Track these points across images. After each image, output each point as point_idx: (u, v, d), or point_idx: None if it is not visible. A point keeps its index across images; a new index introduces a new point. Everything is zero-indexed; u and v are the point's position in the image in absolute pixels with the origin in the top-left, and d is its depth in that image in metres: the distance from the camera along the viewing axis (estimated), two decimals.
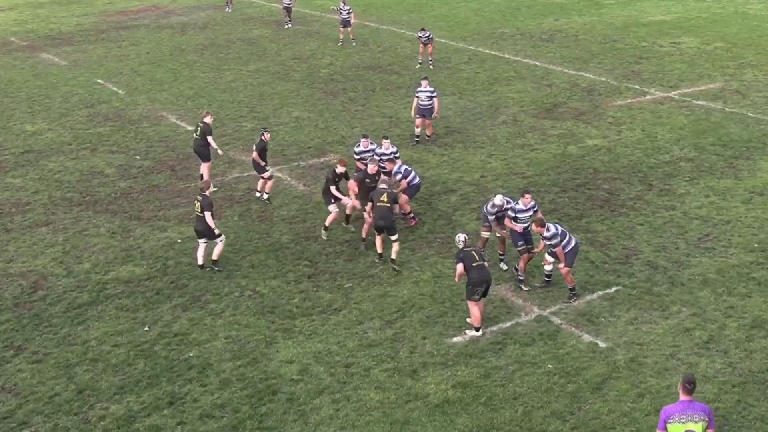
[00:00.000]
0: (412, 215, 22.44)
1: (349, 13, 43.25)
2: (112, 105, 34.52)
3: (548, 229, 18.24)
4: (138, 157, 28.33)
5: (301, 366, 16.60)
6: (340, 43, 43.46)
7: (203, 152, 25.12)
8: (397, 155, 23.46)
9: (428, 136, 28.65)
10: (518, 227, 19.33)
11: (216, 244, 20.37)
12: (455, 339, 17.34)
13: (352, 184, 22.02)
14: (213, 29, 49.57)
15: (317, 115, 32.20)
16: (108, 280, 20.13)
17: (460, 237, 17.66)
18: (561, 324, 17.76)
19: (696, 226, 22.08)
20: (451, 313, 18.24)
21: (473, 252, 17.42)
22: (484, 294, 17.43)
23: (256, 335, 17.68)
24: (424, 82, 28.00)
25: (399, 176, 22.40)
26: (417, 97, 28.06)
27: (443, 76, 37.16)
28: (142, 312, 18.71)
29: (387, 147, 23.55)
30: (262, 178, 24.28)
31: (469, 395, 15.57)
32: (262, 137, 24.20)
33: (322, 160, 27.47)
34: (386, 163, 22.72)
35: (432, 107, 28.08)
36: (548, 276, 19.10)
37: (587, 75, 36.70)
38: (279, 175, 26.31)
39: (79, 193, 25.51)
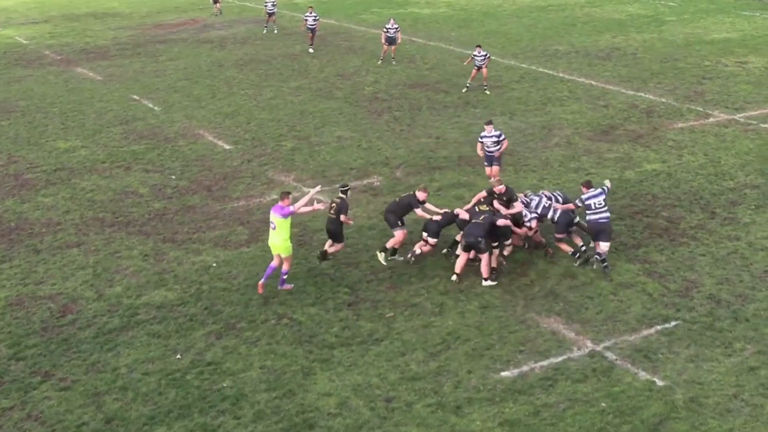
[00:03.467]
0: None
1: (396, 31, 43.14)
2: (148, 122, 34.90)
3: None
4: (173, 177, 28.59)
5: (340, 399, 16.57)
6: (380, 62, 43.52)
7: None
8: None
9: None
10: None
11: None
12: (503, 373, 17.22)
13: (481, 194, 22.39)
14: (253, 44, 50.03)
15: (360, 135, 32.31)
16: (139, 304, 20.28)
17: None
18: (616, 360, 17.57)
19: (762, 257, 21.78)
20: (499, 345, 18.13)
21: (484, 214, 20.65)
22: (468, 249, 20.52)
23: (293, 365, 17.68)
24: (488, 127, 26.08)
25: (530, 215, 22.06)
26: (481, 142, 26.30)
27: (494, 95, 37.14)
28: (174, 339, 18.81)
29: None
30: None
31: None
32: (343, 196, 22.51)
33: (365, 182, 27.53)
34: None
35: (501, 154, 26.56)
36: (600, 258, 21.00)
37: (646, 95, 36.48)
38: (319, 197, 26.39)
39: (112, 213, 25.78)
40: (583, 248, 21.70)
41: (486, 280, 20.65)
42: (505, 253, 21.71)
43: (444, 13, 59.42)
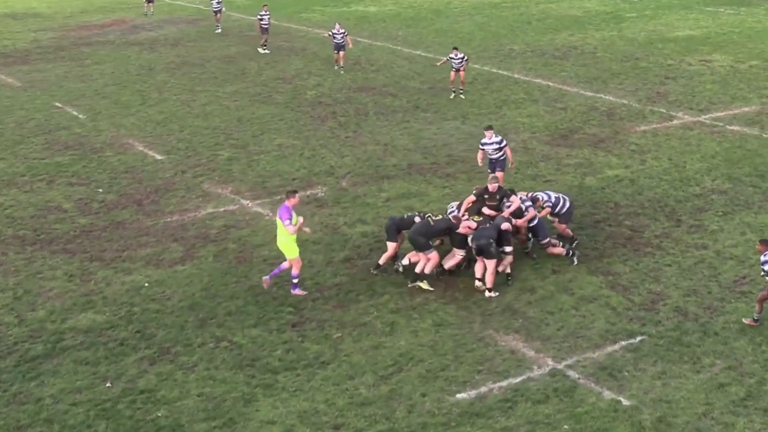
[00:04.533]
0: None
1: (344, 36, 42.76)
2: (72, 131, 34.59)
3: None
4: (100, 190, 28.35)
5: (284, 427, 16.49)
6: (336, 67, 43.08)
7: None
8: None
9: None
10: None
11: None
12: (459, 396, 17.26)
13: (470, 199, 22.65)
14: (185, 46, 49.83)
15: (303, 143, 32.28)
16: (65, 329, 20.04)
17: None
18: (578, 379, 17.69)
19: (731, 266, 22.07)
20: (455, 366, 18.17)
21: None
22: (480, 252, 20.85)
23: (233, 392, 17.58)
24: (488, 133, 26.30)
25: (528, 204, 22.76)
26: (482, 149, 26.54)
27: (445, 98, 37.32)
28: (103, 366, 18.60)
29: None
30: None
31: None
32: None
33: (308, 193, 27.50)
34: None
35: (504, 158, 26.48)
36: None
37: (607, 97, 36.89)
38: (259, 210, 26.33)
39: (33, 230, 25.48)
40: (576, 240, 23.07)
41: (489, 291, 20.85)
42: (505, 267, 21.56)
43: (391, 11, 59.68)
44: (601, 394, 17.15)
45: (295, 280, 21.12)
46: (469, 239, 21.42)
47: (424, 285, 21.31)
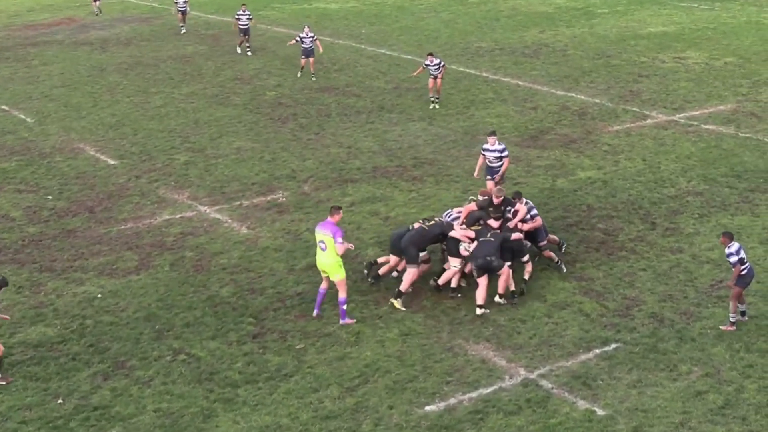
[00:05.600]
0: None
1: (313, 41, 40.73)
2: (19, 135, 34.36)
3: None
4: (50, 198, 28.19)
5: None
6: (299, 74, 41.25)
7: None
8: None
9: None
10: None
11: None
12: (428, 408, 17.29)
13: (469, 207, 22.15)
14: (138, 45, 49.62)
15: (263, 146, 32.26)
16: (14, 343, 19.90)
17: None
18: (552, 388, 17.78)
19: (707, 270, 22.27)
20: (423, 377, 18.20)
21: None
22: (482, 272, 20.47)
23: (192, 407, 17.53)
24: (491, 139, 25.76)
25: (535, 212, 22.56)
26: (483, 155, 26.02)
27: (410, 98, 37.40)
28: (54, 381, 18.50)
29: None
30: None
31: None
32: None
33: (269, 198, 27.48)
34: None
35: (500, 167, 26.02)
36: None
37: (578, 96, 37.11)
38: (218, 216, 26.28)
39: None
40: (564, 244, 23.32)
41: (500, 296, 20.77)
42: (526, 276, 21.51)
43: (353, 8, 59.73)
44: (575, 404, 17.25)
45: (344, 306, 20.24)
46: (468, 261, 21.11)
47: (398, 304, 20.93)
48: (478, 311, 20.38)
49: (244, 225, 25.78)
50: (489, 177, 25.88)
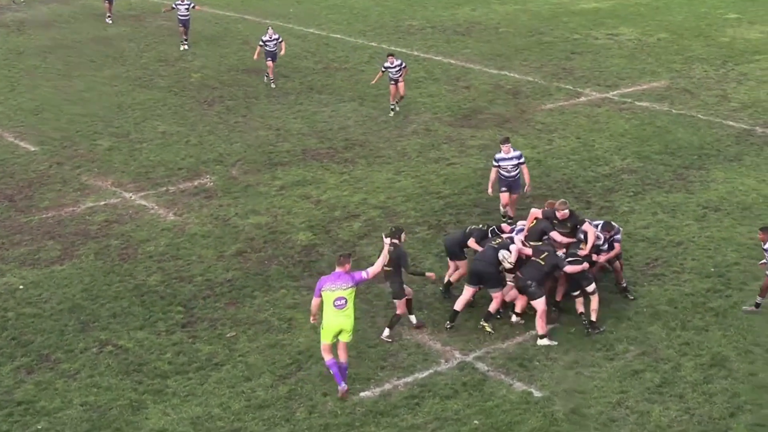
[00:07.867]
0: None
1: (277, 44, 37.32)
2: None
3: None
4: None
5: None
6: (266, 79, 37.44)
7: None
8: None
9: (511, 218, 23.78)
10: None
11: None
12: (363, 394, 17.35)
13: (535, 212, 20.75)
14: (59, 27, 48.94)
15: (189, 129, 32.04)
16: None
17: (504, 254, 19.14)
18: (488, 371, 17.92)
19: (642, 249, 22.56)
20: (357, 362, 18.25)
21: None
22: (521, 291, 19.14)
23: (120, 400, 17.42)
24: (505, 147, 23.91)
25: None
26: (497, 165, 24.00)
27: (340, 78, 37.36)
28: None
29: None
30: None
31: None
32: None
33: (196, 183, 27.31)
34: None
35: (518, 178, 24.11)
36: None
37: (511, 74, 37.32)
38: (143, 203, 26.07)
39: None
40: None
41: (542, 338, 18.75)
42: (592, 314, 19.20)
43: None
44: (511, 387, 17.41)
45: (346, 371, 17.66)
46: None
47: (488, 327, 19.30)
48: (540, 342, 18.75)
49: (170, 211, 25.61)
50: (504, 189, 24.03)
